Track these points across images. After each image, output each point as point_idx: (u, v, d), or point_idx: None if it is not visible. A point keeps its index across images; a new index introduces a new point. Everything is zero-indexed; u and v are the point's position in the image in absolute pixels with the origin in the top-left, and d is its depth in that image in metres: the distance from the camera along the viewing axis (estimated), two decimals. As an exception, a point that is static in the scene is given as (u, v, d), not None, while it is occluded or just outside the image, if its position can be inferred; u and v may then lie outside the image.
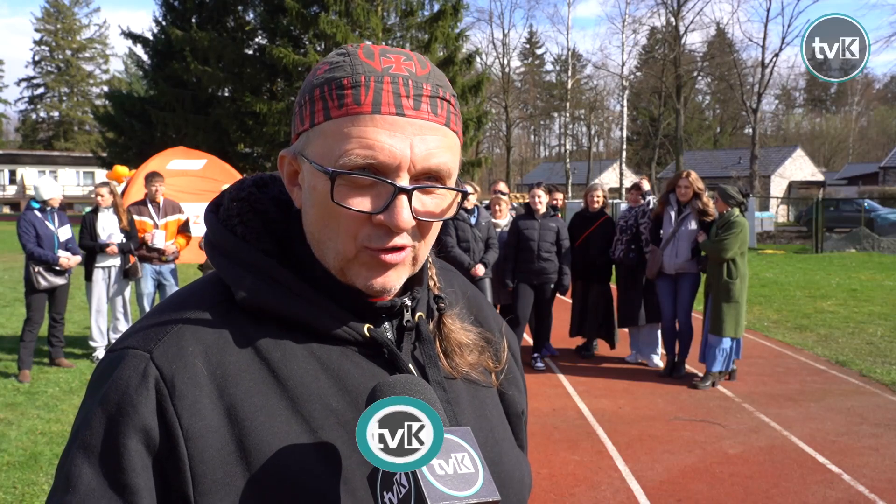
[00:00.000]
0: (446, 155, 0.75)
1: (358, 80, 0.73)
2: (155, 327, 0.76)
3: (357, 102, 0.73)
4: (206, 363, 0.73)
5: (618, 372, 6.70)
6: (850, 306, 10.32)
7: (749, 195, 17.04)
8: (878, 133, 61.93)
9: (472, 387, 0.87)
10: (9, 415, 5.24)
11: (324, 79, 0.75)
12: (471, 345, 0.88)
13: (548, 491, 4.03)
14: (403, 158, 0.72)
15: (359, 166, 0.72)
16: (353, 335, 0.78)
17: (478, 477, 0.65)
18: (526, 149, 69.87)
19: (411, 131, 0.73)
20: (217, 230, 0.82)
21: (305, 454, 0.71)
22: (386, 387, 0.68)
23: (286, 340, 0.76)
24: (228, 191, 0.86)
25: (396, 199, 0.72)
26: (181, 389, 0.71)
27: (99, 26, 69.87)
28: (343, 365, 0.77)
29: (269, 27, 24.25)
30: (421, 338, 0.83)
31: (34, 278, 6.19)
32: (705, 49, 49.50)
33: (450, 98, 0.78)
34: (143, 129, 26.47)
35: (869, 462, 4.45)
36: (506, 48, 47.01)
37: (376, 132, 0.72)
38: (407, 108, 0.73)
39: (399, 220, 0.72)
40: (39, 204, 6.28)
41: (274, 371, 0.74)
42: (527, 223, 6.59)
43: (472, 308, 0.95)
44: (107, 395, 0.71)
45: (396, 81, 0.73)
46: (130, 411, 0.69)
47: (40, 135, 61.95)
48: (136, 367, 0.72)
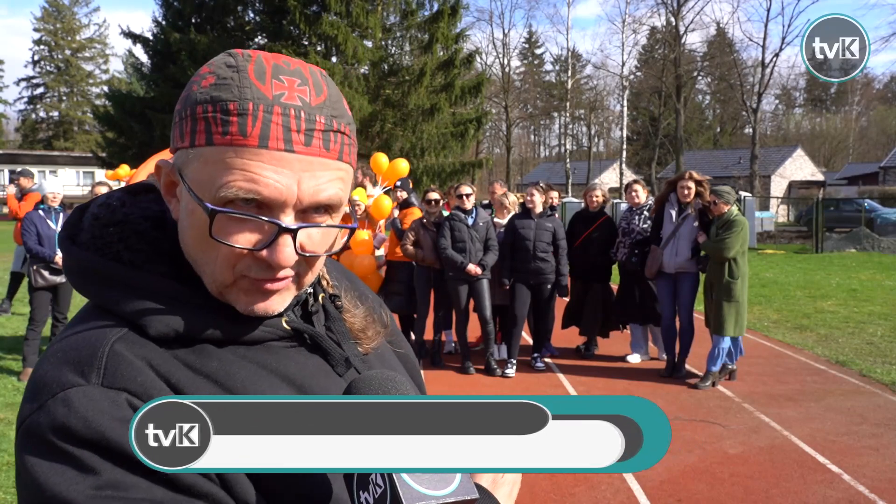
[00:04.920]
0: (335, 186, 0.72)
1: (245, 108, 0.68)
2: (80, 357, 0.68)
3: (243, 133, 0.68)
4: (157, 374, 0.69)
5: (618, 372, 6.69)
6: (850, 306, 10.32)
7: (740, 197, 16.85)
8: (878, 133, 61.92)
9: (379, 355, 0.90)
10: (9, 415, 5.24)
11: (208, 96, 0.69)
12: (368, 325, 0.89)
13: (548, 491, 4.03)
14: (290, 196, 0.69)
15: (240, 199, 0.69)
16: (274, 331, 0.78)
17: (455, 475, 0.64)
18: (526, 149, 69.86)
19: (300, 168, 0.69)
20: (94, 262, 0.75)
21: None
22: (362, 383, 0.68)
23: (212, 350, 0.74)
24: (92, 215, 0.79)
25: (280, 237, 0.70)
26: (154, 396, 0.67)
27: (98, 26, 69.81)
28: (276, 360, 0.76)
29: (270, 27, 24.23)
30: (329, 317, 0.85)
31: (33, 276, 6.21)
32: (705, 49, 49.53)
33: (344, 129, 0.73)
34: (143, 130, 26.46)
35: (869, 462, 4.45)
36: (506, 48, 47.06)
37: (261, 167, 0.68)
38: (297, 143, 0.69)
39: (281, 258, 0.70)
40: (44, 201, 6.31)
41: (217, 381, 0.72)
42: (523, 223, 6.58)
43: (352, 286, 0.96)
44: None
45: (287, 113, 0.68)
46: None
47: (40, 135, 61.91)
48: (98, 404, 0.64)
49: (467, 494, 0.63)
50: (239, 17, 26.56)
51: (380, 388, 0.68)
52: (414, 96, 22.73)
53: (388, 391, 0.67)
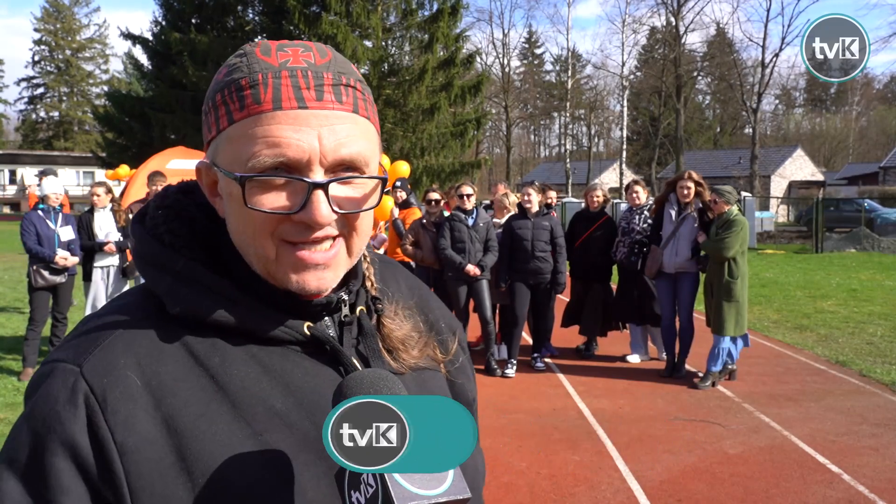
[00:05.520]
0: (359, 143, 0.73)
1: (255, 79, 0.71)
2: (86, 340, 0.72)
3: (257, 101, 0.70)
4: (141, 375, 0.70)
5: (618, 372, 6.69)
6: (850, 306, 10.31)
7: (741, 198, 16.81)
8: (878, 133, 61.91)
9: (419, 377, 0.85)
10: (9, 415, 5.24)
11: (223, 83, 0.73)
12: (413, 339, 0.86)
13: (548, 491, 4.02)
14: (313, 152, 0.70)
15: (269, 166, 0.70)
16: (293, 335, 0.76)
17: (447, 475, 0.62)
18: (526, 149, 69.87)
19: (317, 123, 0.71)
20: (144, 240, 0.79)
21: (249, 459, 0.69)
22: (353, 382, 0.67)
23: (224, 345, 0.74)
24: (154, 199, 0.83)
25: (312, 195, 0.70)
26: (113, 404, 0.68)
27: (99, 26, 69.84)
28: (285, 366, 0.75)
29: (270, 28, 24.23)
30: (363, 332, 0.81)
31: (33, 276, 6.21)
32: (705, 49, 49.53)
33: (355, 84, 0.75)
34: (143, 130, 26.46)
35: (869, 462, 4.45)
36: (506, 48, 47.07)
37: (280, 129, 0.70)
38: (309, 99, 0.71)
39: (318, 216, 0.70)
40: (43, 204, 6.30)
41: (213, 377, 0.72)
42: (520, 223, 6.57)
43: (422, 305, 0.93)
44: (33, 411, 0.69)
45: (295, 74, 0.71)
46: (58, 427, 0.67)
47: (40, 135, 61.92)
48: (64, 382, 0.69)
49: (459, 494, 0.62)
50: (239, 17, 26.55)
51: (371, 388, 0.66)
52: (414, 96, 22.73)
53: (379, 391, 0.66)
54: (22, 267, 14.06)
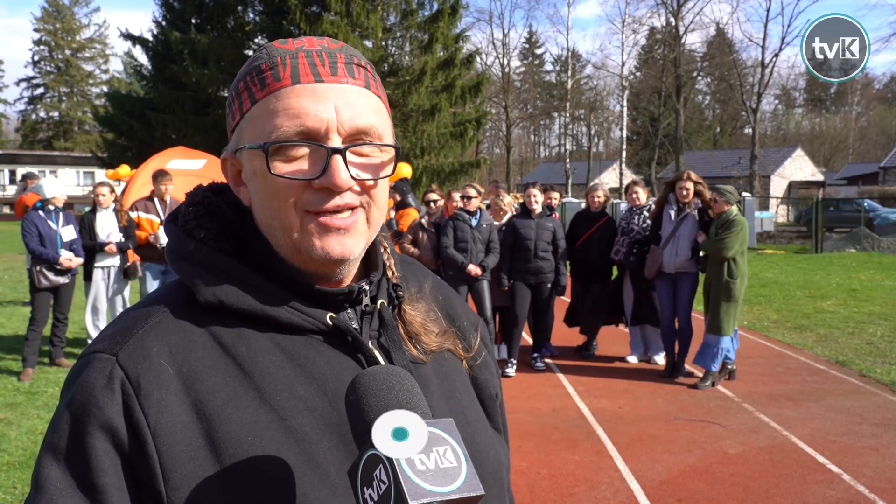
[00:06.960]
0: (372, 116, 0.78)
1: (275, 62, 0.77)
2: (121, 331, 0.77)
3: (277, 79, 0.77)
4: (172, 362, 0.74)
5: (618, 372, 6.69)
6: (850, 306, 10.31)
7: (742, 198, 16.84)
8: (877, 133, 61.88)
9: (440, 370, 0.88)
10: (9, 415, 5.24)
11: (245, 71, 0.80)
12: (433, 320, 0.89)
13: (548, 491, 4.02)
14: (330, 121, 0.75)
15: (290, 136, 0.75)
16: (316, 324, 0.79)
17: (460, 471, 0.63)
18: (526, 149, 69.84)
19: (333, 96, 0.76)
20: (175, 235, 0.84)
21: (275, 441, 0.72)
22: (366, 378, 0.68)
23: (250, 334, 0.78)
24: (185, 198, 0.88)
25: (331, 160, 0.75)
26: (147, 389, 0.72)
27: (98, 26, 69.73)
28: (308, 354, 0.78)
29: (270, 28, 24.22)
30: (384, 323, 0.84)
31: (36, 277, 6.19)
32: (705, 49, 49.51)
33: (366, 65, 0.81)
34: (143, 130, 26.46)
35: (869, 462, 4.45)
36: (506, 48, 47.06)
37: (299, 101, 0.75)
38: (325, 74, 0.77)
39: (337, 179, 0.75)
40: (42, 203, 6.29)
41: (240, 365, 0.76)
42: (523, 222, 6.59)
43: (444, 305, 0.95)
44: (73, 398, 0.73)
45: (311, 55, 0.78)
46: (96, 412, 0.71)
47: (40, 135, 61.87)
48: (101, 370, 0.73)
49: (472, 491, 0.62)
50: (239, 17, 26.56)
51: (383, 384, 0.67)
52: (414, 96, 22.72)
53: (391, 388, 0.67)
54: (22, 267, 14.06)
